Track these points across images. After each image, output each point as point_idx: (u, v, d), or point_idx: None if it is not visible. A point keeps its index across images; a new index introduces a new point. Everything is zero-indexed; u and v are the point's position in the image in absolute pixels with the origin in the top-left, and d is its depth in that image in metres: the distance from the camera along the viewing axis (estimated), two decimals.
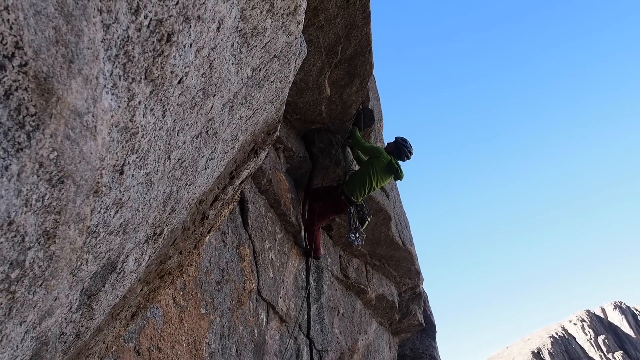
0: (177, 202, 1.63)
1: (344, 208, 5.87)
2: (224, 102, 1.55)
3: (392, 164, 5.90)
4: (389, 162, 5.89)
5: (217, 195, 2.12)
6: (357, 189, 5.81)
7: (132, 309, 2.02)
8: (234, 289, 4.17)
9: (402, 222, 8.28)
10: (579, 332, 74.09)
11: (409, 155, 6.14)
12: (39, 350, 1.25)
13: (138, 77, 0.98)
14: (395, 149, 6.10)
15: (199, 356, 3.45)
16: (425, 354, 10.93)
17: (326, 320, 6.27)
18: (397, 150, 6.10)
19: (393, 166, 5.90)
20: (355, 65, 5.17)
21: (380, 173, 5.87)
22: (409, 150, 6.13)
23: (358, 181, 5.84)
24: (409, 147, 6.14)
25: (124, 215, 1.26)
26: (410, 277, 8.85)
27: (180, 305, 3.32)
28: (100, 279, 1.40)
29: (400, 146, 6.11)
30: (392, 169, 5.91)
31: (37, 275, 1.00)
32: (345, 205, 5.82)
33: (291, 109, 5.42)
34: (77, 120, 0.84)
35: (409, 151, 6.14)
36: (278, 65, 1.81)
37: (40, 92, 0.75)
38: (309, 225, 5.96)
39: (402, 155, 6.10)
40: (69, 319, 1.34)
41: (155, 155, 1.27)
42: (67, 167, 0.88)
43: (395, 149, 6.11)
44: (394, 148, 6.12)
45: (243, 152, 2.14)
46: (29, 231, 0.88)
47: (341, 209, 5.91)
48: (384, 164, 5.86)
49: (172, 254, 1.96)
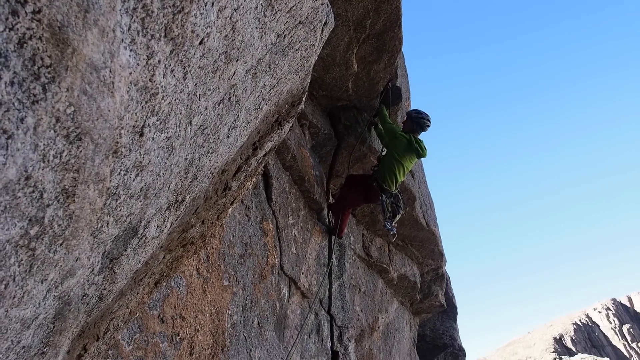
0: (198, 170, 1.62)
1: (375, 196, 5.78)
2: (247, 69, 1.52)
3: (412, 142, 5.70)
4: (409, 141, 5.70)
5: (239, 166, 2.11)
6: (388, 176, 5.69)
7: (155, 276, 2.04)
8: (257, 263, 4.20)
9: (427, 202, 8.20)
10: (603, 320, 73.04)
11: (427, 123, 5.91)
12: (62, 309, 1.27)
13: (157, 34, 0.96)
14: (412, 125, 5.88)
15: (221, 326, 3.50)
16: (446, 334, 10.93)
17: (347, 297, 6.29)
18: (414, 125, 5.87)
19: (413, 144, 5.69)
20: (384, 41, 5.07)
21: (404, 154, 5.71)
22: (424, 118, 5.88)
23: (387, 167, 5.71)
24: (423, 115, 5.90)
25: (145, 179, 1.26)
26: (433, 258, 8.80)
27: (203, 277, 3.36)
28: (122, 243, 1.40)
29: (416, 119, 5.88)
30: (412, 147, 5.71)
31: (57, 233, 1.00)
32: (378, 193, 5.73)
33: (317, 85, 5.37)
34: (94, 74, 0.82)
35: (426, 119, 5.89)
36: (303, 32, 1.77)
37: (55, 42, 0.73)
38: (338, 208, 5.94)
39: (422, 127, 5.88)
40: (91, 280, 1.35)
41: (176, 119, 1.25)
42: (85, 124, 0.87)
43: (411, 124, 5.88)
44: (410, 124, 5.90)
45: (267, 123, 2.12)
46: (47, 187, 0.88)
47: (372, 197, 5.82)
48: (404, 144, 5.69)
49: (194, 223, 1.96)
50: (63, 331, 1.39)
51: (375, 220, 7.16)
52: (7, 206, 0.80)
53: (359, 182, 5.95)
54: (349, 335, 6.16)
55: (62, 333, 1.39)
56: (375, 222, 7.20)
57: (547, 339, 64.88)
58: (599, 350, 66.71)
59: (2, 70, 0.67)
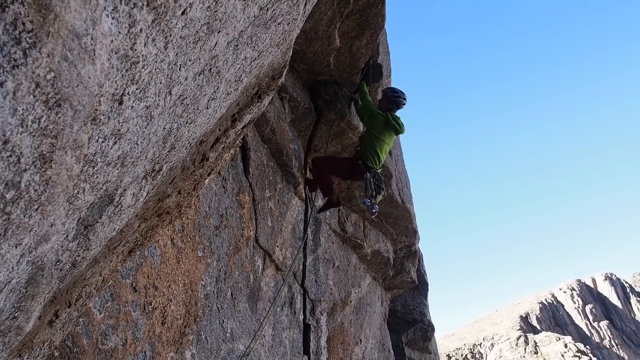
0: (177, 140, 1.62)
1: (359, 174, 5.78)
2: (229, 40, 1.52)
3: (389, 119, 5.74)
4: (386, 119, 5.74)
5: (218, 137, 2.11)
6: (370, 154, 5.71)
7: (130, 245, 2.05)
8: (232, 235, 4.22)
9: (403, 180, 8.30)
10: (567, 300, 75.67)
11: (403, 102, 5.93)
12: (35, 274, 1.28)
13: (140, 2, 0.95)
14: (387, 102, 5.90)
15: (194, 297, 3.53)
16: (416, 310, 11.20)
17: (321, 271, 6.38)
18: (389, 102, 5.89)
19: (390, 121, 5.74)
20: (367, 17, 5.04)
21: (383, 131, 5.74)
22: (398, 96, 5.91)
23: (368, 146, 5.73)
24: (398, 93, 5.93)
25: (123, 147, 1.26)
26: (407, 235, 8.95)
27: (178, 247, 3.37)
28: (98, 210, 1.41)
29: (391, 97, 5.90)
30: (390, 124, 5.75)
31: (33, 198, 1.00)
32: (362, 171, 5.74)
33: (299, 58, 5.33)
34: (75, 41, 0.82)
35: (400, 97, 5.91)
36: (286, 6, 1.76)
37: (37, 8, 0.72)
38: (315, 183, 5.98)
39: (397, 105, 5.91)
40: (65, 247, 1.35)
41: (156, 88, 1.25)
42: (65, 90, 0.86)
43: (387, 102, 5.90)
44: (386, 102, 5.91)
45: (246, 96, 2.11)
46: (24, 152, 0.88)
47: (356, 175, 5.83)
48: (381, 122, 5.72)
49: (170, 192, 1.96)
50: (35, 296, 1.40)
51: (352, 196, 7.23)
52: None
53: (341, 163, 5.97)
54: (322, 308, 6.27)
55: (34, 298, 1.40)
56: (351, 198, 7.27)
57: (513, 317, 67.03)
58: (562, 328, 69.32)
59: None
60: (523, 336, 59.04)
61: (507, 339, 59.75)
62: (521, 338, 58.67)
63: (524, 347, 57.04)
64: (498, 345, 59.52)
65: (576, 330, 70.16)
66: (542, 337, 58.13)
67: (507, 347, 58.26)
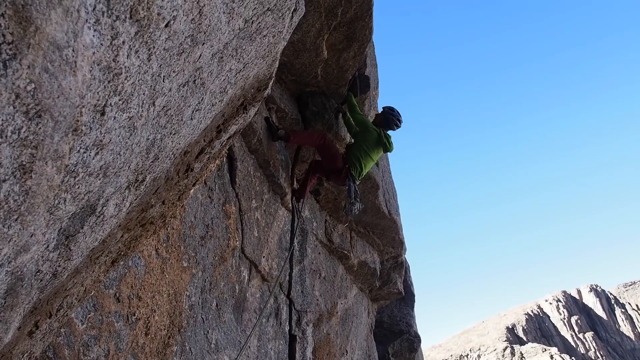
0: (160, 151, 1.62)
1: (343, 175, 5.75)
2: (214, 52, 1.53)
3: (381, 136, 5.82)
4: (379, 135, 5.81)
5: (203, 148, 2.11)
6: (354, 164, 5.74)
7: (113, 255, 2.04)
8: (218, 245, 4.20)
9: (390, 191, 8.33)
10: (553, 311, 76.05)
11: (398, 124, 6.05)
12: (14, 285, 1.27)
13: (123, 15, 0.96)
14: (384, 120, 6.01)
15: (179, 307, 3.51)
16: (403, 321, 11.19)
17: (307, 282, 6.37)
18: (386, 120, 6.01)
19: (382, 139, 5.82)
20: (355, 29, 5.09)
21: (373, 147, 5.79)
22: (397, 118, 6.03)
23: (355, 157, 5.76)
24: (397, 116, 6.04)
25: (105, 158, 1.26)
26: (393, 246, 8.97)
27: (162, 257, 3.35)
28: (79, 220, 1.40)
29: (388, 116, 6.01)
30: (381, 141, 5.83)
31: (13, 209, 1.00)
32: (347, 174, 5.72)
33: (286, 69, 5.36)
34: (56, 53, 0.83)
35: (398, 119, 6.04)
36: (271, 19, 1.78)
37: (17, 20, 0.73)
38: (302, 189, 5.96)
39: (390, 124, 6.01)
40: (46, 257, 1.35)
41: (139, 99, 1.25)
42: (45, 101, 0.87)
43: (383, 119, 6.02)
44: (382, 119, 6.03)
45: (232, 107, 2.12)
46: (4, 163, 0.88)
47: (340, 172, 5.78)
48: (374, 137, 5.78)
49: (154, 202, 1.96)
50: (14, 307, 1.39)
51: (338, 207, 7.24)
52: None
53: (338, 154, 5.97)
54: (308, 319, 6.25)
55: (13, 309, 1.39)
56: (338, 209, 7.28)
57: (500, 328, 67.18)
58: (548, 340, 69.56)
59: None
60: (509, 347, 59.18)
61: (493, 350, 59.85)
62: (507, 349, 58.81)
63: (510, 358, 57.16)
64: (485, 356, 59.60)
65: (562, 341, 70.48)
66: (528, 348, 58.30)
67: (493, 358, 58.36)
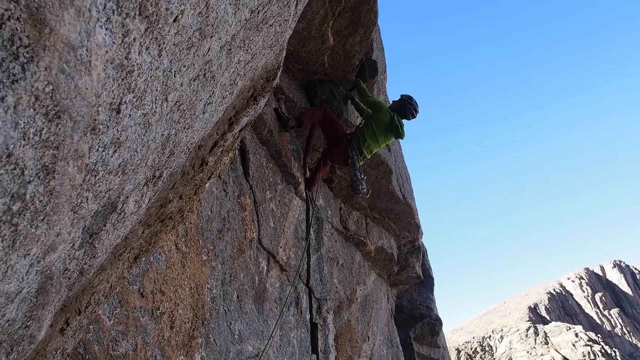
0: (175, 146, 1.65)
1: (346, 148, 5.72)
2: (222, 45, 1.54)
3: (394, 121, 5.76)
4: (391, 119, 5.76)
5: (216, 142, 2.13)
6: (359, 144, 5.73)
7: (135, 251, 2.07)
8: (235, 237, 4.25)
9: (403, 175, 8.32)
10: (576, 289, 75.56)
11: (414, 113, 5.95)
12: (44, 283, 1.30)
13: (132, 12, 0.98)
14: (400, 107, 5.94)
15: (201, 300, 3.56)
16: (423, 305, 11.22)
17: (325, 270, 6.41)
18: (402, 108, 5.93)
19: (394, 123, 5.76)
20: (359, 14, 5.06)
21: (383, 130, 5.74)
22: (414, 107, 5.94)
23: (362, 137, 5.75)
24: (415, 105, 5.95)
25: (123, 155, 1.28)
26: (409, 230, 8.97)
27: (182, 252, 3.40)
28: (102, 218, 1.43)
29: (406, 104, 5.93)
30: (394, 126, 5.77)
31: (39, 209, 1.03)
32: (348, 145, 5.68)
33: (293, 59, 5.35)
34: (71, 53, 0.84)
35: (414, 109, 5.94)
36: (277, 8, 1.78)
37: (32, 23, 0.75)
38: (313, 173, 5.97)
39: (406, 113, 5.92)
40: (72, 255, 1.38)
41: (152, 95, 1.27)
42: (63, 102, 0.89)
43: (400, 107, 5.95)
44: (399, 106, 5.95)
45: (242, 99, 2.14)
46: (28, 165, 0.90)
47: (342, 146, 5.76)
48: (386, 120, 5.73)
49: (172, 197, 1.99)
50: (46, 305, 1.43)
51: (353, 194, 7.26)
52: None
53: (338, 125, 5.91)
54: (328, 307, 6.30)
55: (44, 307, 1.43)
56: (352, 196, 7.29)
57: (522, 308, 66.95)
58: (572, 318, 69.25)
59: None
60: (532, 327, 58.98)
61: (516, 331, 59.70)
62: (531, 329, 58.61)
63: (534, 338, 56.98)
64: (507, 337, 59.47)
65: (586, 319, 70.05)
66: (552, 327, 58.06)
67: (516, 339, 58.21)
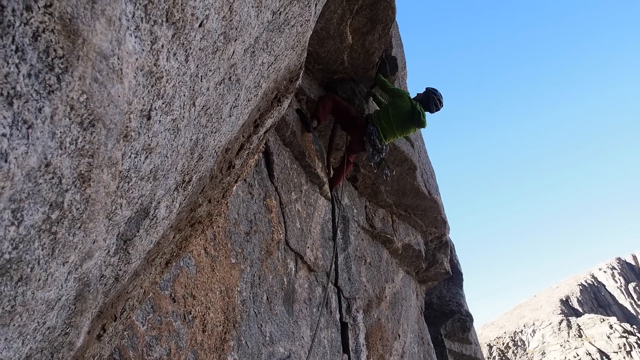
0: (203, 150, 1.66)
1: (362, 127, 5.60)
2: (246, 48, 1.55)
3: (416, 108, 5.64)
4: (413, 107, 5.63)
5: (242, 144, 2.14)
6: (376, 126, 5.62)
7: (166, 256, 2.10)
8: (263, 239, 4.27)
9: (428, 171, 8.25)
10: (609, 279, 73.87)
11: (438, 104, 5.84)
12: (82, 290, 1.33)
13: (160, 19, 0.99)
14: (424, 97, 5.84)
15: (232, 303, 3.59)
16: (452, 301, 11.11)
17: (353, 269, 6.39)
18: (426, 98, 5.83)
19: (416, 110, 5.63)
20: (377, 11, 5.04)
21: (400, 116, 5.61)
22: (438, 98, 5.83)
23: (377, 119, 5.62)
24: (439, 96, 5.85)
25: (154, 161, 1.30)
26: (436, 226, 8.89)
27: (211, 255, 3.43)
28: (135, 224, 1.45)
29: (430, 95, 5.83)
30: (415, 113, 5.63)
31: (76, 217, 1.05)
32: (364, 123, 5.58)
33: (312, 59, 5.36)
34: (103, 62, 0.86)
35: (439, 99, 5.84)
36: (298, 8, 1.78)
37: (66, 34, 0.76)
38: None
39: (430, 104, 5.81)
40: (108, 262, 1.40)
41: (181, 101, 1.28)
42: (97, 110, 0.90)
43: (424, 97, 5.85)
44: (423, 96, 5.86)
45: (266, 100, 2.15)
46: (65, 173, 0.92)
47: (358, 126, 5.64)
48: (405, 107, 5.60)
49: (201, 202, 2.01)
50: (83, 312, 1.45)
51: (377, 192, 7.23)
52: (30, 193, 0.85)
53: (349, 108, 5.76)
54: (357, 306, 6.28)
55: (82, 314, 1.45)
56: (377, 194, 7.26)
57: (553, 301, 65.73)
58: (605, 309, 67.65)
59: (20, 64, 0.71)
60: (565, 320, 57.86)
61: (549, 324, 58.65)
62: (563, 322, 57.51)
63: (567, 331, 55.89)
64: (540, 331, 58.45)
65: (620, 310, 68.45)
66: (585, 319, 56.87)
67: (549, 333, 57.19)
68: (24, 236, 0.89)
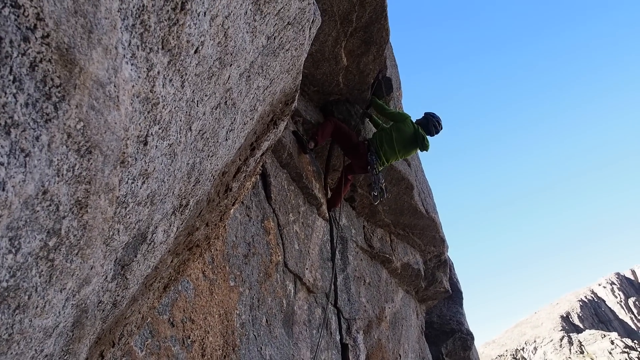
0: (200, 174, 1.67)
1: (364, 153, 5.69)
2: (241, 72, 1.57)
3: (418, 132, 5.81)
4: (415, 131, 5.81)
5: (239, 167, 2.15)
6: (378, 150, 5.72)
7: (164, 280, 2.09)
8: (261, 261, 4.25)
9: (425, 190, 8.26)
10: (608, 295, 73.50)
11: (437, 127, 6.01)
12: (80, 317, 1.32)
13: (155, 47, 1.00)
14: (424, 122, 6.01)
15: (231, 327, 3.55)
16: (453, 320, 11.02)
17: (353, 289, 6.36)
18: (426, 122, 6.00)
19: (419, 134, 5.80)
20: (371, 33, 5.11)
21: (403, 140, 5.75)
22: (437, 121, 6.00)
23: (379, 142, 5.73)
24: (438, 119, 6.03)
25: (151, 186, 1.30)
26: (434, 245, 8.87)
27: (209, 279, 3.41)
28: (132, 249, 1.45)
29: (430, 118, 6.01)
30: (418, 137, 5.80)
31: (73, 243, 1.05)
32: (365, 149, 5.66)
33: (308, 81, 5.41)
34: (100, 90, 0.87)
35: (438, 123, 6.01)
36: (292, 33, 1.81)
37: (63, 63, 0.77)
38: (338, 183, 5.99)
39: (429, 127, 5.96)
40: (106, 288, 1.40)
41: (177, 126, 1.30)
42: (94, 137, 0.91)
43: (424, 121, 6.03)
44: (423, 120, 6.04)
45: (262, 123, 2.16)
46: (62, 200, 0.92)
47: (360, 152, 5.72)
48: (409, 132, 5.77)
49: (198, 225, 2.01)
50: (81, 338, 1.44)
51: (375, 211, 7.22)
52: (28, 220, 0.85)
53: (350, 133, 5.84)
54: (357, 327, 6.23)
55: (80, 340, 1.44)
56: (375, 213, 7.26)
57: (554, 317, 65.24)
58: (606, 325, 67.14)
59: (18, 93, 0.72)
60: (566, 336, 57.39)
61: (550, 341, 58.13)
62: (565, 338, 57.03)
63: (568, 347, 55.38)
64: (541, 348, 57.90)
65: (621, 325, 67.97)
66: (586, 335, 56.43)
67: (551, 349, 56.65)
68: (21, 264, 0.89)
